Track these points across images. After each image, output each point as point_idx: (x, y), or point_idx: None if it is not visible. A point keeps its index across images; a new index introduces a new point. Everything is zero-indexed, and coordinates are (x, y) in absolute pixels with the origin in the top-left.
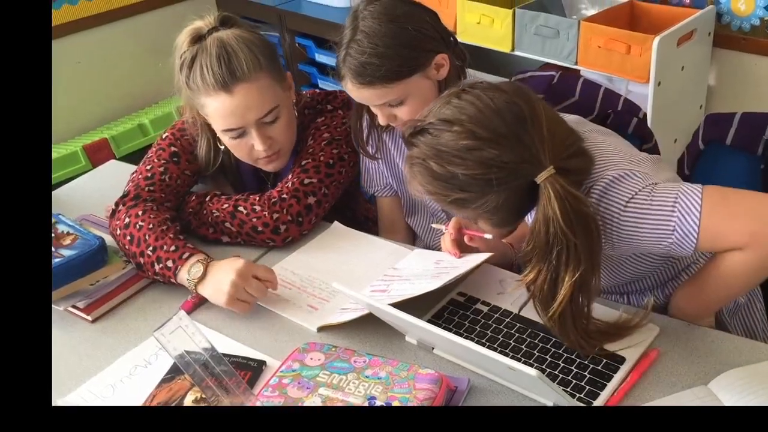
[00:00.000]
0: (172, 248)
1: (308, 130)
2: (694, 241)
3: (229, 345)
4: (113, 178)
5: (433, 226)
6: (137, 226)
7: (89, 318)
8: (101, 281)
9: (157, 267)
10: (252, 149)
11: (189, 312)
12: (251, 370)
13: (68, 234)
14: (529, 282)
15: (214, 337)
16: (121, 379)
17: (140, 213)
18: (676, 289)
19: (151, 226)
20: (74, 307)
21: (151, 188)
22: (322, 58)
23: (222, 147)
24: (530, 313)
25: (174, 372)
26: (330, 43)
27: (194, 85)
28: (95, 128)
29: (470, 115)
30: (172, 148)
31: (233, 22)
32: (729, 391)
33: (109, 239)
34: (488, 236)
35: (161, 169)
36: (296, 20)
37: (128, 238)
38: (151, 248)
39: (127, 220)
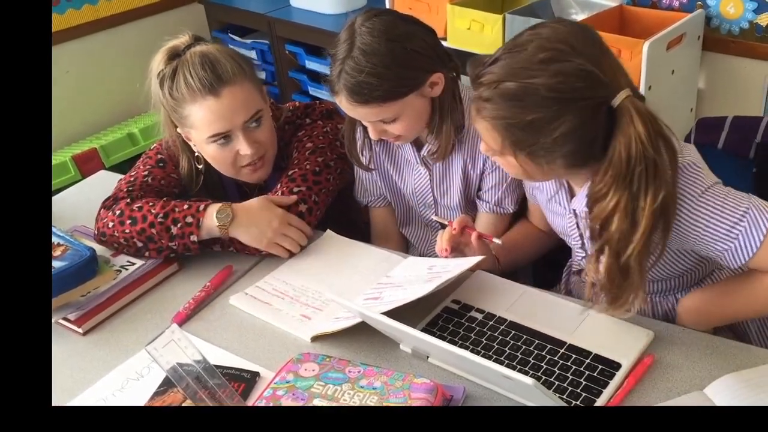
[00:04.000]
0: (185, 207)
1: (291, 144)
2: (749, 256)
3: (221, 356)
4: (103, 189)
5: (434, 218)
6: (135, 209)
7: (80, 330)
8: (92, 292)
9: (174, 229)
10: (237, 157)
11: (181, 324)
12: (245, 381)
13: (59, 245)
14: (606, 216)
15: (207, 348)
16: (113, 392)
17: (126, 204)
18: (695, 291)
19: (151, 203)
20: (65, 319)
21: (131, 188)
22: (312, 65)
23: (201, 167)
24: (525, 319)
25: (167, 385)
26: (325, 52)
27: (178, 94)
28: (84, 138)
29: (547, 35)
30: (159, 156)
31: (206, 40)
32: (725, 396)
33: (99, 249)
34: (498, 241)
35: (145, 173)
36: (286, 28)
37: (129, 221)
38: (161, 215)
39: (118, 211)
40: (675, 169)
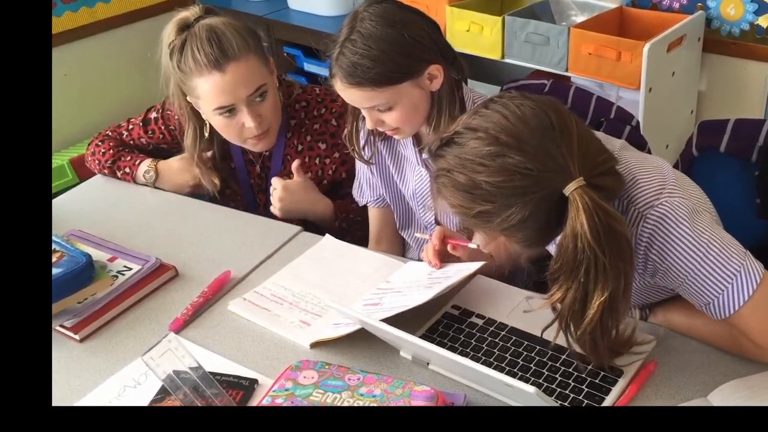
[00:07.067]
0: (128, 158)
1: (303, 125)
2: (725, 316)
3: (219, 363)
4: (101, 193)
5: (417, 235)
6: (99, 152)
7: (77, 337)
8: (89, 299)
9: (119, 174)
10: (242, 128)
11: (178, 331)
12: (243, 389)
13: (55, 251)
14: (556, 301)
15: (205, 355)
16: (110, 400)
17: (96, 145)
18: (674, 309)
19: (109, 149)
20: (62, 326)
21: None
22: (310, 67)
23: (207, 135)
24: (526, 325)
25: (164, 393)
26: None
27: (186, 67)
28: (82, 141)
29: (495, 122)
30: (151, 117)
31: (216, 12)
32: (729, 403)
33: (96, 255)
34: (473, 245)
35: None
36: (284, 30)
37: (97, 160)
38: (110, 162)
39: (91, 149)
40: (630, 262)
